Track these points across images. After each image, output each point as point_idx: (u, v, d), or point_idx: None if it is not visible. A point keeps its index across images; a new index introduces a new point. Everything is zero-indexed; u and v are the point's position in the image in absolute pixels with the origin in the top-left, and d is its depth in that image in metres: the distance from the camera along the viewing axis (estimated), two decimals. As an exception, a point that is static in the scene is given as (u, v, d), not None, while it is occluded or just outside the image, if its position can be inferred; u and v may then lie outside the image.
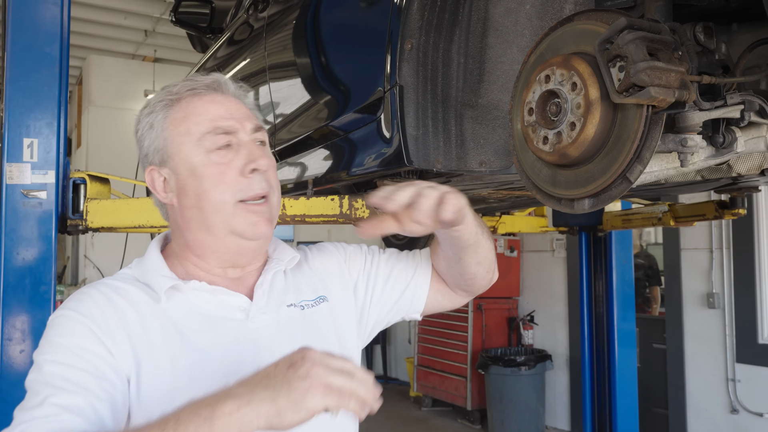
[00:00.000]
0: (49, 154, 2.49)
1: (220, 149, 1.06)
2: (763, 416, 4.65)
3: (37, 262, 2.42)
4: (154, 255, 1.11)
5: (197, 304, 1.05)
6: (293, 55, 2.25)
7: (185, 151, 1.07)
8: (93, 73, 7.91)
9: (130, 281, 1.07)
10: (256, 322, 1.07)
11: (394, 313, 1.32)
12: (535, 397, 6.02)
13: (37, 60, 2.49)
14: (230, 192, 1.05)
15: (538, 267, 6.73)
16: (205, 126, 1.07)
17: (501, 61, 1.73)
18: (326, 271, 1.25)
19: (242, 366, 1.00)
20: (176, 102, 1.10)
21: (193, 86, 1.10)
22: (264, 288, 1.11)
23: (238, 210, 1.05)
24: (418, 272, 1.32)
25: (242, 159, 1.06)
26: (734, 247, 4.91)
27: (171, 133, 1.08)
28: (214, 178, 1.05)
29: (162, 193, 1.11)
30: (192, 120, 1.07)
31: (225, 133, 1.07)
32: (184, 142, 1.07)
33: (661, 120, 1.19)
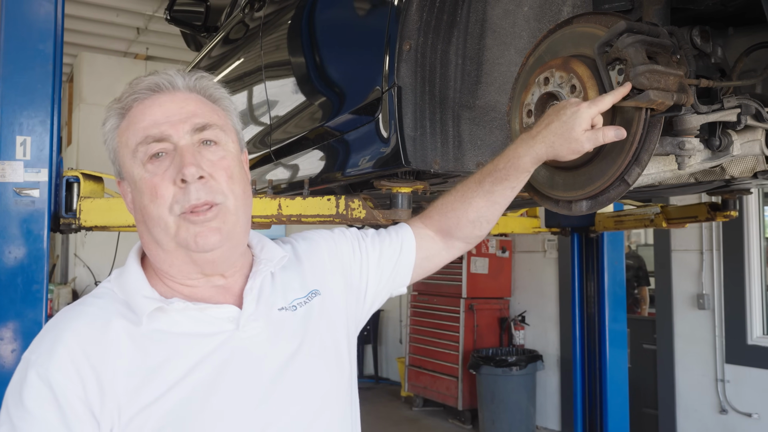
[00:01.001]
0: (42, 152, 2.47)
1: (153, 159, 0.99)
2: (751, 416, 4.69)
3: (29, 260, 2.40)
4: (133, 269, 1.05)
5: (182, 324, 0.99)
6: (290, 55, 2.25)
7: (126, 164, 1.02)
8: (84, 70, 7.86)
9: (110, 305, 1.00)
10: (247, 331, 1.02)
11: (385, 291, 1.32)
12: (526, 397, 6.04)
13: (30, 57, 2.47)
14: (166, 205, 0.98)
15: (529, 268, 6.76)
16: (138, 135, 1.00)
17: (498, 63, 1.74)
18: (316, 262, 1.21)
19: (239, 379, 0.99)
20: (125, 111, 1.04)
21: (133, 91, 1.03)
22: (253, 294, 1.06)
23: (180, 222, 0.98)
24: (404, 248, 1.32)
25: (174, 168, 0.98)
26: (724, 249, 4.95)
27: (117, 145, 1.04)
28: (150, 192, 0.98)
29: (129, 205, 1.06)
30: (131, 130, 1.02)
31: (156, 140, 0.99)
32: (125, 154, 1.02)
33: (659, 123, 1.20)
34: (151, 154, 0.99)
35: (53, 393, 0.90)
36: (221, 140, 1.04)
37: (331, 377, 1.10)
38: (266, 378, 1.01)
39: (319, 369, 1.08)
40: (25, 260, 2.37)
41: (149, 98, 1.03)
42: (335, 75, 2.02)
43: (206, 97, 1.07)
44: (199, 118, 1.02)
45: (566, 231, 4.31)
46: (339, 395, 1.10)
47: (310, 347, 1.08)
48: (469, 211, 1.30)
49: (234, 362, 0.99)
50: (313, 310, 1.13)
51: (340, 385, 1.11)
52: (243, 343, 1.01)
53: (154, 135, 0.99)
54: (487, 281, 6.72)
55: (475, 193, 1.29)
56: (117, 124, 1.04)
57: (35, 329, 2.36)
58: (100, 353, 0.94)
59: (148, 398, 0.93)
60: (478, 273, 6.68)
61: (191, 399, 0.94)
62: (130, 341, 0.96)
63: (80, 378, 0.91)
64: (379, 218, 1.89)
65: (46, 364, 0.92)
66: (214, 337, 1.00)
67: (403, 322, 7.72)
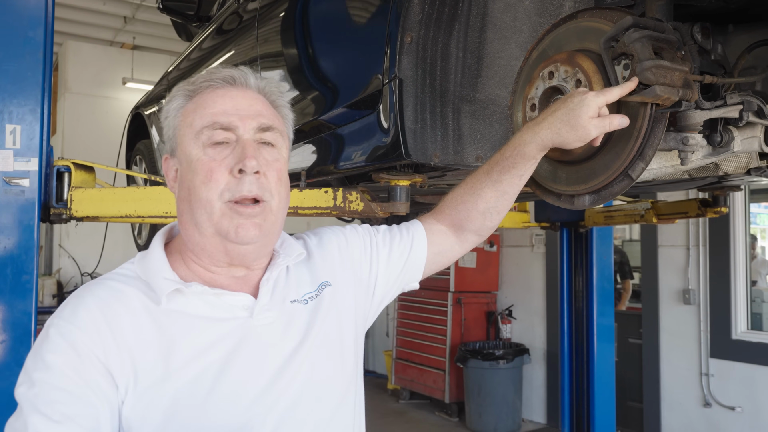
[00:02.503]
0: (32, 141, 2.44)
1: (216, 145, 1.03)
2: (735, 410, 4.75)
3: (18, 251, 2.37)
4: (157, 253, 1.08)
5: (199, 307, 1.02)
6: (288, 46, 2.23)
7: (185, 143, 1.06)
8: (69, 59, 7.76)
9: (131, 281, 1.04)
10: (261, 320, 1.05)
11: (396, 287, 1.34)
12: (513, 390, 6.08)
13: (20, 45, 2.43)
14: (217, 190, 1.01)
15: (517, 262, 6.79)
16: (206, 120, 1.04)
17: (499, 57, 1.74)
18: (326, 255, 1.24)
19: (248, 364, 1.01)
20: (194, 94, 1.08)
21: (208, 78, 1.08)
22: (269, 285, 1.09)
23: (225, 210, 1.02)
24: (415, 243, 1.33)
25: (234, 158, 1.02)
26: (710, 245, 5.00)
27: (179, 123, 1.07)
28: (204, 174, 1.02)
29: (171, 181, 1.10)
30: (198, 113, 1.05)
31: (223, 128, 1.03)
32: (186, 134, 1.06)
33: (664, 118, 1.21)
34: (215, 140, 1.03)
35: (73, 348, 0.93)
36: (278, 144, 1.09)
37: (333, 367, 1.11)
38: (274, 365, 1.03)
39: (322, 359, 1.10)
40: (14, 250, 2.34)
41: (222, 88, 1.07)
42: (335, 67, 2.00)
43: (270, 102, 1.12)
44: (265, 119, 1.07)
45: (556, 226, 4.33)
46: (340, 385, 1.12)
47: (315, 338, 1.10)
48: (479, 203, 1.30)
49: (245, 347, 1.02)
50: (323, 302, 1.15)
51: (342, 376, 1.13)
52: (255, 330, 1.04)
53: (222, 123, 1.04)
54: (475, 275, 6.75)
55: (483, 184, 1.29)
56: (183, 104, 1.09)
57: (25, 320, 2.34)
58: (120, 320, 0.97)
59: (162, 372, 0.95)
60: (466, 267, 6.70)
61: (203, 378, 0.97)
62: (149, 316, 1.00)
63: (101, 339, 0.94)
64: (377, 211, 1.89)
65: (68, 324, 0.95)
66: (227, 322, 1.03)
67: (390, 315, 7.73)
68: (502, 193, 1.29)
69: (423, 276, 1.36)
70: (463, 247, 1.38)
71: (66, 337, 0.94)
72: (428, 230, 1.35)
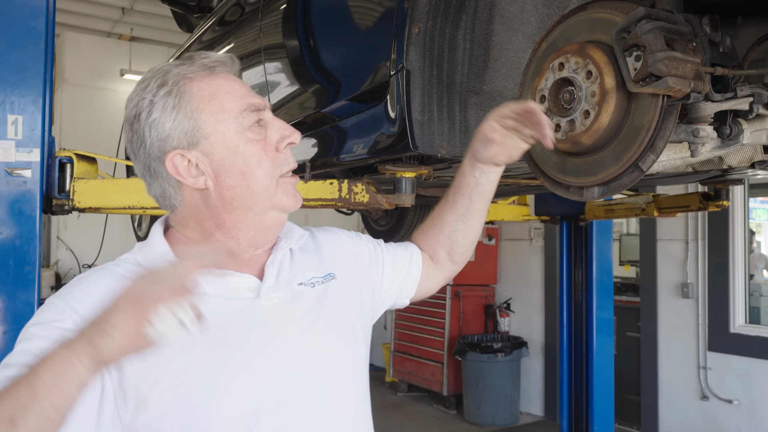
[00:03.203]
0: (34, 132, 2.43)
1: (253, 126, 1.04)
2: (732, 403, 4.78)
3: (21, 241, 2.37)
4: (158, 239, 1.07)
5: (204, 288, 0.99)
6: (291, 37, 2.22)
7: (222, 129, 1.02)
8: (67, 50, 7.70)
9: (132, 267, 1.03)
10: (267, 301, 1.05)
11: (394, 298, 1.37)
12: (511, 383, 6.10)
13: (22, 35, 2.42)
14: (271, 169, 1.04)
15: (515, 255, 6.80)
16: (239, 103, 1.04)
17: (506, 48, 1.74)
18: (335, 250, 1.24)
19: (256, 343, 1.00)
20: (193, 81, 1.03)
21: (204, 63, 1.05)
22: (274, 267, 1.09)
23: (280, 184, 1.05)
24: (413, 261, 1.38)
25: (276, 134, 1.06)
26: (709, 239, 5.02)
27: (203, 111, 1.02)
28: (258, 155, 1.03)
29: (189, 178, 1.03)
30: (223, 98, 1.03)
31: (257, 109, 1.05)
32: (221, 120, 1.02)
33: (675, 110, 1.21)
34: (254, 121, 1.05)
35: (74, 309, 0.93)
36: None
37: (347, 354, 1.11)
38: (284, 347, 1.02)
39: (336, 343, 1.09)
40: (17, 241, 2.34)
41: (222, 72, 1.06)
42: (341, 58, 2.00)
43: None
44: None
45: (556, 219, 4.34)
46: (354, 372, 1.11)
47: (325, 322, 1.10)
48: (444, 227, 1.38)
49: (252, 328, 1.01)
50: (330, 290, 1.15)
51: (355, 363, 1.12)
52: (262, 311, 1.03)
53: (256, 104, 1.05)
54: (474, 268, 6.76)
55: (444, 209, 1.38)
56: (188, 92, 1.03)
57: (27, 311, 2.33)
58: None
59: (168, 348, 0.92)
60: (465, 260, 6.70)
61: (212, 356, 0.96)
62: None
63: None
64: (383, 202, 1.89)
65: (69, 296, 0.96)
66: (235, 300, 1.03)
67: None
68: (459, 215, 1.36)
69: (413, 297, 1.40)
70: (443, 273, 1.44)
71: (66, 302, 0.95)
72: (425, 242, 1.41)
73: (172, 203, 1.07)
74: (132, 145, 1.06)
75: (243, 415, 0.94)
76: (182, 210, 1.07)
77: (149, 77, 1.04)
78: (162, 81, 1.03)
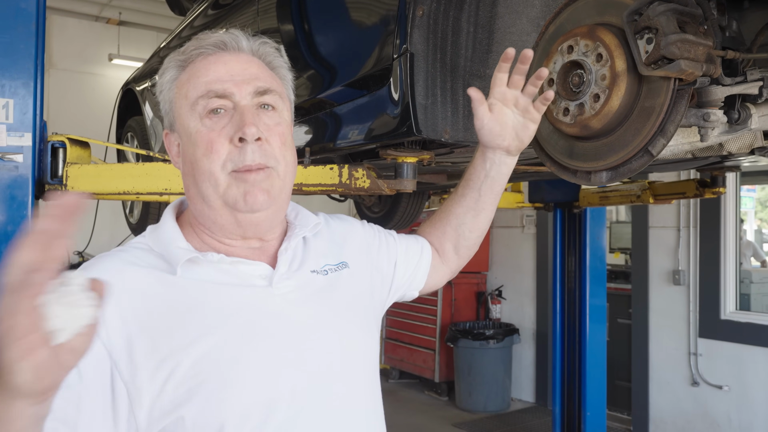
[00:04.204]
0: (26, 116, 2.38)
1: (212, 115, 1.00)
2: (722, 388, 4.83)
3: (13, 228, 2.33)
4: (169, 224, 1.05)
5: (215, 277, 0.99)
6: (290, 19, 2.18)
7: (183, 115, 1.02)
8: (54, 34, 7.58)
9: (143, 254, 1.01)
10: (280, 288, 1.02)
11: (404, 289, 1.35)
12: (503, 369, 6.13)
13: (12, 16, 2.36)
14: (219, 162, 0.98)
15: (507, 243, 6.81)
16: (200, 89, 1.00)
17: (510, 32, 1.71)
18: (348, 238, 1.22)
19: (271, 332, 0.98)
20: (185, 63, 1.04)
21: (198, 45, 1.03)
22: (287, 255, 1.06)
23: (231, 180, 0.98)
24: (424, 252, 1.37)
25: (233, 126, 0.98)
26: (701, 226, 5.04)
27: (174, 96, 1.03)
28: (205, 146, 0.98)
29: (175, 158, 1.07)
30: (192, 83, 1.01)
31: (218, 96, 0.99)
32: (182, 105, 1.02)
33: (687, 94, 1.20)
34: (210, 108, 0.99)
35: None
36: (279, 107, 1.05)
37: (359, 341, 1.09)
38: (297, 336, 1.00)
39: (348, 331, 1.08)
40: (8, 227, 2.29)
41: (213, 54, 1.02)
42: (342, 41, 1.96)
43: (266, 64, 1.07)
44: (261, 82, 1.02)
45: (549, 206, 4.33)
46: (366, 360, 1.10)
47: (338, 310, 1.08)
48: (451, 219, 1.37)
49: (265, 317, 0.99)
50: (342, 278, 1.13)
51: (367, 351, 1.11)
52: (275, 299, 1.01)
53: (217, 90, 0.99)
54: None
55: (453, 202, 1.36)
56: (176, 75, 1.04)
57: (20, 298, 2.30)
58: (128, 291, 0.92)
59: (181, 340, 0.91)
60: (457, 247, 6.71)
61: (225, 346, 0.93)
62: (162, 285, 0.96)
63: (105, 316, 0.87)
64: (384, 188, 1.87)
65: None
66: (247, 288, 1.00)
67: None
68: (468, 208, 1.35)
69: (421, 290, 1.39)
70: (449, 267, 1.43)
71: None
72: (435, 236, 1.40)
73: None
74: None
75: (257, 406, 0.92)
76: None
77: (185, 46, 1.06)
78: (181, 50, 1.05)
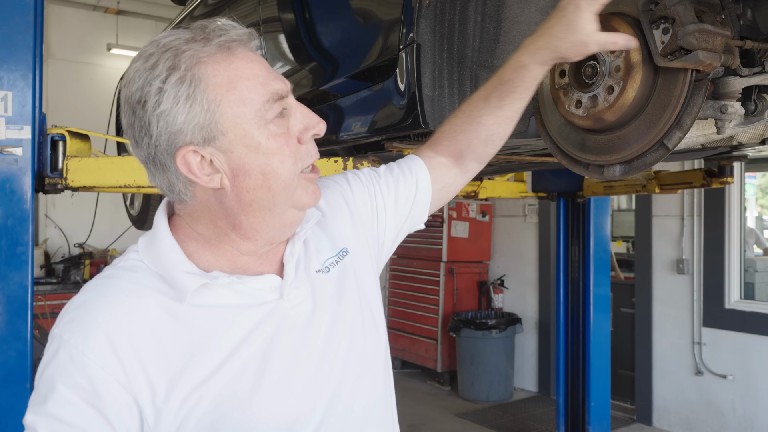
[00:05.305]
0: (25, 108, 2.35)
1: (276, 119, 0.91)
2: (726, 378, 4.81)
3: (13, 222, 2.31)
4: (167, 240, 0.95)
5: (226, 299, 0.93)
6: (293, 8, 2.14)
7: (243, 125, 0.89)
8: (52, 24, 7.52)
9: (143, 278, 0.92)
10: (292, 300, 0.97)
11: (404, 231, 1.28)
12: (505, 359, 6.12)
13: (10, 7, 2.33)
14: (294, 165, 0.92)
15: (509, 232, 6.78)
16: (261, 92, 0.90)
17: (518, 21, 1.68)
18: (339, 216, 1.14)
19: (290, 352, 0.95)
20: (208, 64, 0.88)
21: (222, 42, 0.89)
22: (293, 260, 1.01)
23: (300, 181, 0.93)
24: (420, 184, 1.25)
25: (299, 124, 0.93)
26: (705, 215, 5.01)
27: (221, 104, 0.88)
28: (282, 152, 0.91)
29: (203, 176, 0.90)
30: (243, 86, 0.89)
31: (280, 98, 0.91)
32: (241, 114, 0.89)
33: (705, 85, 1.17)
34: (277, 112, 0.91)
35: (89, 379, 0.84)
36: None
37: (372, 341, 1.07)
38: (314, 349, 0.97)
39: (359, 334, 1.05)
40: (8, 221, 2.27)
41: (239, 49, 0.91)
42: (348, 30, 1.92)
43: None
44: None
45: (553, 196, 4.31)
46: (378, 354, 1.08)
47: (347, 312, 1.04)
48: (480, 131, 1.21)
49: (284, 333, 0.95)
50: (346, 269, 1.08)
51: (379, 348, 1.08)
52: (289, 312, 0.97)
53: (279, 92, 0.91)
54: (467, 245, 6.74)
55: (483, 111, 1.20)
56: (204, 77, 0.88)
57: (21, 293, 2.27)
58: (140, 332, 0.87)
59: (199, 376, 0.87)
60: (459, 237, 6.69)
61: (244, 374, 0.90)
62: (172, 318, 0.90)
63: (119, 361, 0.85)
64: (390, 181, 1.84)
65: (81, 346, 0.85)
66: (259, 308, 0.95)
67: (382, 284, 7.73)
68: (503, 118, 1.20)
69: (429, 214, 1.29)
70: (464, 177, 1.30)
71: (79, 365, 0.84)
72: (429, 165, 1.26)
73: (181, 197, 0.94)
74: (133, 130, 0.91)
75: (281, 429, 0.91)
76: (193, 204, 0.95)
77: (157, 55, 0.88)
78: (173, 64, 0.87)
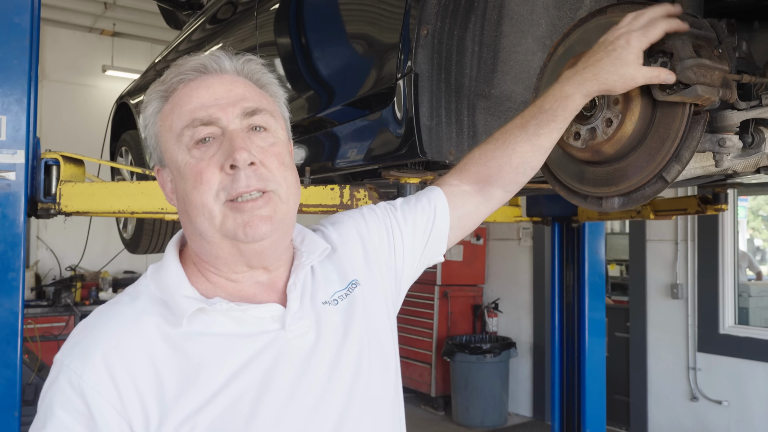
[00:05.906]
0: (19, 133, 2.35)
1: (200, 144, 0.93)
2: (722, 404, 4.79)
3: (4, 247, 2.29)
4: (172, 266, 0.98)
5: (225, 327, 0.93)
6: (290, 35, 2.14)
7: (170, 149, 0.96)
8: (47, 45, 7.53)
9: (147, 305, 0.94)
10: (294, 330, 0.96)
11: (423, 262, 1.26)
12: (500, 384, 6.08)
13: (5, 31, 2.33)
14: (211, 192, 0.91)
15: (503, 255, 6.78)
16: (185, 118, 0.94)
17: (515, 51, 1.69)
18: (351, 249, 1.14)
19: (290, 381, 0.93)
20: (168, 93, 0.98)
21: (178, 72, 0.97)
22: (297, 290, 0.99)
23: (226, 211, 0.92)
24: (438, 214, 1.23)
25: (223, 153, 0.92)
26: (699, 240, 5.02)
27: (159, 129, 0.98)
28: (194, 178, 0.92)
29: (170, 195, 1.00)
30: (175, 113, 0.95)
31: (204, 124, 0.93)
32: (168, 139, 0.96)
33: (703, 119, 1.16)
34: (198, 138, 0.93)
35: (86, 404, 0.85)
36: (271, 126, 0.98)
37: (380, 376, 1.04)
38: (319, 379, 0.95)
39: (366, 369, 1.02)
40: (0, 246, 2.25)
41: (195, 80, 0.96)
42: (345, 58, 1.93)
43: (254, 82, 1.01)
44: (249, 102, 0.96)
45: (548, 220, 4.31)
46: (389, 395, 1.05)
47: (354, 345, 1.02)
48: (513, 158, 1.20)
49: (283, 365, 0.93)
50: (355, 302, 1.06)
51: (388, 383, 1.06)
52: (290, 343, 0.95)
53: (202, 118, 0.93)
54: (462, 268, 6.73)
55: (518, 139, 1.19)
56: (160, 107, 0.98)
57: (11, 319, 2.25)
58: (138, 358, 0.88)
59: (193, 404, 0.87)
60: (453, 260, 6.68)
61: (239, 404, 0.88)
62: (169, 344, 0.90)
63: (116, 386, 0.86)
64: (386, 209, 1.83)
65: (80, 370, 0.86)
66: (259, 337, 0.94)
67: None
68: (539, 147, 1.19)
69: (448, 246, 1.27)
70: (488, 206, 1.28)
71: (78, 388, 0.86)
72: (449, 194, 1.24)
73: None
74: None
75: None
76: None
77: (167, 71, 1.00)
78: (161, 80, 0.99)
